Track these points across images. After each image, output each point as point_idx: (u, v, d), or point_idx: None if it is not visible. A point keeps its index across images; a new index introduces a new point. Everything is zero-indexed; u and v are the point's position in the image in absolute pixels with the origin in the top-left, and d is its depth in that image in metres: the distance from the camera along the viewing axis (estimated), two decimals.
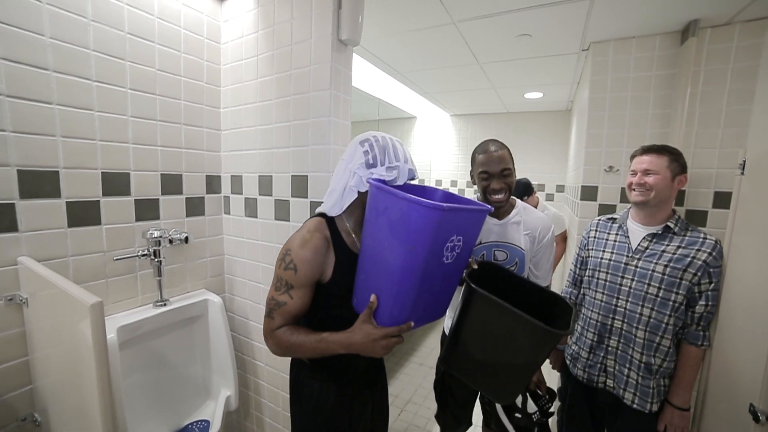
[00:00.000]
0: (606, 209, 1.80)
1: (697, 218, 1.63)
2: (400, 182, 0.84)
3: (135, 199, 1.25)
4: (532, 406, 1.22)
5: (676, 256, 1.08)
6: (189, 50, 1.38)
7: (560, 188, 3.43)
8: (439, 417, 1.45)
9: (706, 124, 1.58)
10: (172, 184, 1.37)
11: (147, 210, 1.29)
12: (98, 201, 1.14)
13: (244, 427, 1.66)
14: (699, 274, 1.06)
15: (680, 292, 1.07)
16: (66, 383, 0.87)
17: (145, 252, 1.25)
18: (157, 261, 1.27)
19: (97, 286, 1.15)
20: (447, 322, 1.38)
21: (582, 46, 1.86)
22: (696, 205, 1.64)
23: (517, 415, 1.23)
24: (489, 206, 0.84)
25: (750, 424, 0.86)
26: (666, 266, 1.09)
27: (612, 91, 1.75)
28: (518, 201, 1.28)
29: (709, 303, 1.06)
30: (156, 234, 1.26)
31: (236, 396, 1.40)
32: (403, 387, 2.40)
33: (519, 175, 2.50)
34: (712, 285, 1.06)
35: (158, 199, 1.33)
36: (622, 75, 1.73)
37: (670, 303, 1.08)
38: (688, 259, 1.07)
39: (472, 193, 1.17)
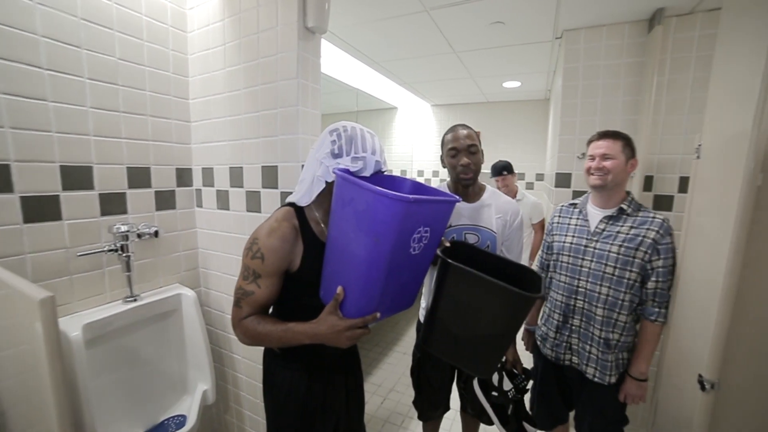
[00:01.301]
0: (580, 195, 1.84)
1: (665, 203, 1.69)
2: (366, 174, 0.84)
3: (99, 193, 1.21)
4: (508, 384, 1.26)
5: (629, 236, 1.14)
6: (153, 39, 1.33)
7: (540, 177, 3.48)
8: (416, 403, 1.47)
9: (672, 111, 1.63)
10: (139, 177, 1.33)
11: (113, 204, 1.26)
12: (58, 196, 1.10)
13: (224, 420, 1.66)
14: (649, 251, 1.11)
15: (634, 270, 1.12)
16: (26, 384, 0.85)
17: (112, 247, 1.22)
18: (125, 256, 1.24)
19: (59, 283, 1.12)
20: (422, 311, 1.40)
21: (555, 34, 1.87)
22: (663, 190, 1.69)
23: (494, 393, 1.27)
24: (457, 197, 0.85)
25: (699, 392, 0.90)
26: (620, 246, 1.14)
27: (584, 79, 1.78)
28: (488, 186, 1.30)
29: (660, 279, 1.11)
30: (123, 228, 1.23)
31: (213, 390, 1.39)
32: (386, 376, 2.43)
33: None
34: (661, 261, 1.11)
35: (125, 192, 1.29)
36: (593, 63, 1.75)
37: (625, 281, 1.13)
38: (639, 238, 1.12)
39: (447, 185, 1.19)
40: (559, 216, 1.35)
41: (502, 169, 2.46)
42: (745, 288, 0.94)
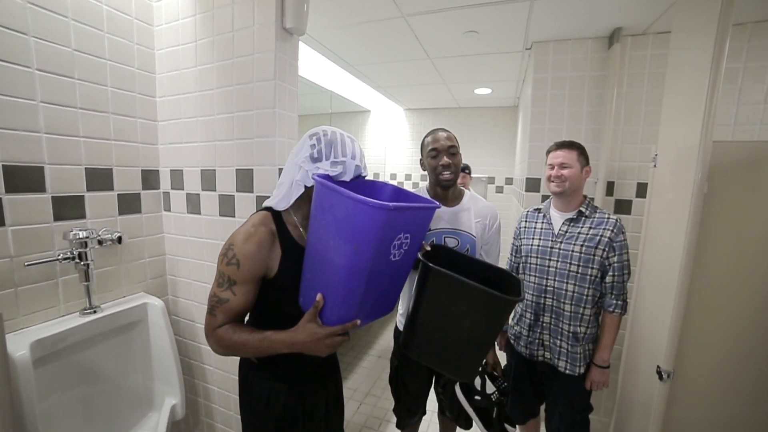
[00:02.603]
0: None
1: (624, 207, 1.82)
2: (346, 178, 0.83)
3: (52, 196, 1.11)
4: (490, 387, 1.29)
5: (588, 236, 1.24)
6: (114, 30, 1.24)
7: (509, 181, 3.63)
8: (395, 410, 1.48)
9: (630, 121, 1.76)
10: (100, 179, 1.24)
11: (69, 208, 1.15)
12: (0, 198, 1.00)
13: None
14: (606, 249, 1.21)
15: (594, 266, 1.22)
16: None
17: (68, 255, 1.12)
18: (84, 264, 1.14)
19: (3, 297, 1.01)
20: (399, 318, 1.40)
21: (525, 45, 1.96)
22: (623, 195, 1.82)
23: (477, 397, 1.29)
24: (437, 203, 0.86)
25: (657, 381, 0.98)
26: (582, 246, 1.23)
27: (552, 89, 1.87)
28: (466, 191, 1.33)
29: (615, 273, 1.22)
30: (81, 234, 1.14)
31: (183, 404, 1.31)
32: (362, 380, 2.41)
33: (473, 167, 2.64)
34: (616, 257, 1.21)
35: (83, 195, 1.19)
36: (560, 74, 1.85)
37: (588, 277, 1.22)
38: (598, 237, 1.22)
39: (425, 189, 1.20)
40: (526, 221, 1.43)
41: (464, 168, 2.61)
42: (696, 285, 1.03)
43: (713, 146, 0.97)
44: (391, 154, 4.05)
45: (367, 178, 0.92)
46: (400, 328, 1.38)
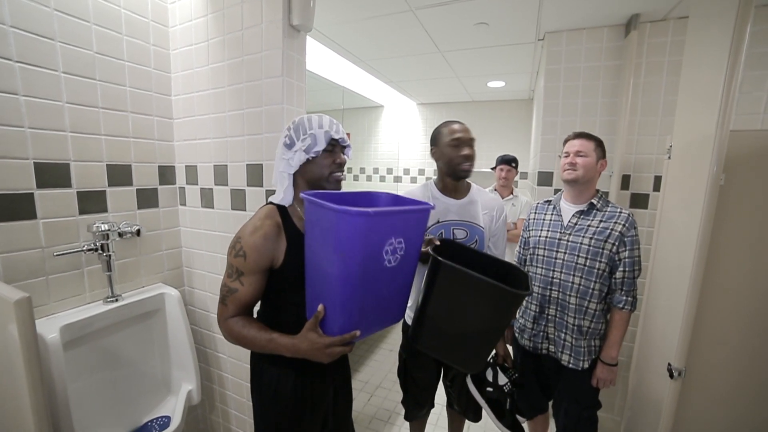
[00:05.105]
0: None
1: (641, 201, 1.76)
2: (318, 148, 0.86)
3: (77, 191, 1.18)
4: (503, 379, 1.29)
5: (598, 229, 1.21)
6: (132, 33, 1.30)
7: (524, 175, 3.55)
8: (404, 401, 1.50)
9: (647, 112, 1.69)
10: (120, 175, 1.30)
11: (92, 202, 1.23)
12: (32, 193, 1.07)
13: (210, 420, 1.65)
14: (617, 243, 1.18)
15: (603, 260, 1.19)
16: (0, 388, 0.83)
17: (92, 246, 1.19)
18: (106, 255, 1.22)
19: (35, 284, 1.09)
20: (408, 312, 1.41)
21: (537, 35, 1.91)
22: (639, 189, 1.76)
23: (489, 389, 1.30)
24: (429, 204, 0.84)
25: (668, 379, 0.96)
26: (591, 239, 1.21)
27: (565, 80, 1.82)
28: (473, 183, 1.33)
29: (626, 269, 1.18)
30: (103, 227, 1.21)
31: (198, 390, 1.38)
32: (373, 373, 2.45)
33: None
34: (627, 252, 1.18)
35: (105, 190, 1.26)
36: (574, 65, 1.80)
37: (595, 270, 1.20)
38: (608, 231, 1.19)
39: (433, 183, 1.19)
40: (535, 213, 1.41)
41: (512, 161, 2.52)
42: (710, 281, 1.00)
43: (732, 136, 0.93)
44: (405, 149, 4.04)
45: (380, 175, 0.93)
46: (409, 322, 1.39)
